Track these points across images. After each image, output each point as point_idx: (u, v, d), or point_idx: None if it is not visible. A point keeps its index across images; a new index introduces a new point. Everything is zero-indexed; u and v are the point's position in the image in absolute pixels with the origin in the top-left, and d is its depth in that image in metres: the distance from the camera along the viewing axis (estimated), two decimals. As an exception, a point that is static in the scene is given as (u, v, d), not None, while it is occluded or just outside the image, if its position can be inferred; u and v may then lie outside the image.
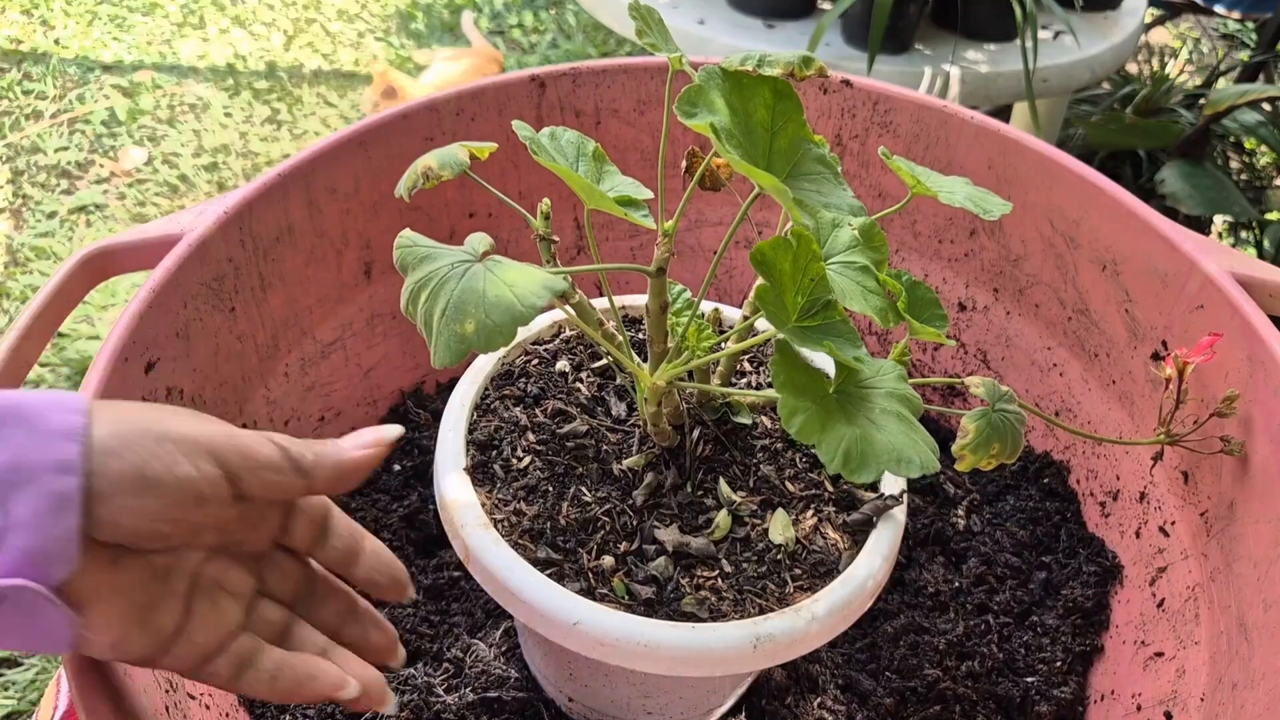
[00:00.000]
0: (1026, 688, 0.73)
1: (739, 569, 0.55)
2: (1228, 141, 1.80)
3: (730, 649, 0.50)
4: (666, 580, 0.54)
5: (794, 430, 0.44)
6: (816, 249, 0.47)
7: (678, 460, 0.59)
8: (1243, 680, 0.62)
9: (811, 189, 0.48)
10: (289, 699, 0.47)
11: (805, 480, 0.59)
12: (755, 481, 0.58)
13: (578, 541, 0.55)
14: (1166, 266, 0.73)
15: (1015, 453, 0.54)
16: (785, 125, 0.47)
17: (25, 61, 2.25)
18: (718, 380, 0.61)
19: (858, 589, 0.54)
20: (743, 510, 0.57)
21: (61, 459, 0.39)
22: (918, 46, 1.45)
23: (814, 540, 0.56)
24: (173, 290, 0.69)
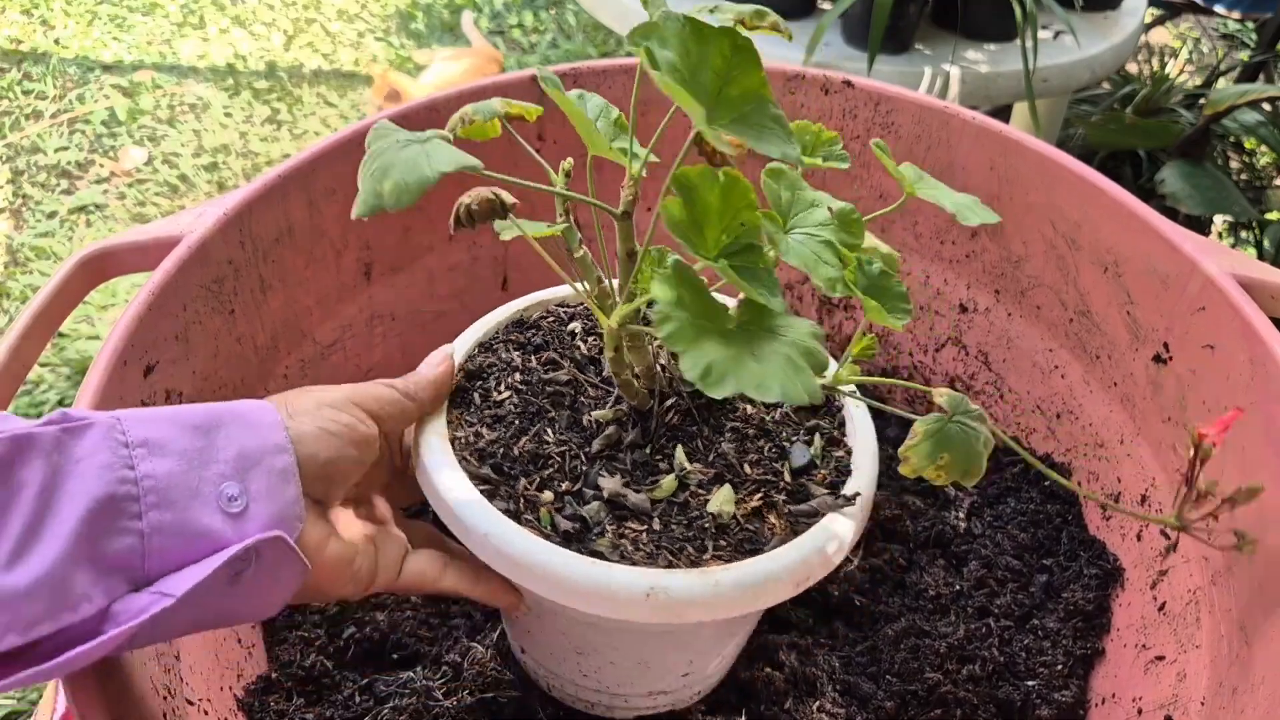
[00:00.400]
0: (1027, 691, 0.73)
1: (666, 528, 0.55)
2: (1228, 141, 1.80)
3: (622, 590, 0.51)
4: (594, 523, 0.55)
5: (662, 335, 0.44)
6: (753, 197, 0.48)
7: (646, 422, 0.60)
8: (1243, 684, 0.62)
9: (752, 134, 0.48)
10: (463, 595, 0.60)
11: (764, 467, 0.59)
12: (714, 457, 0.59)
13: (522, 471, 0.58)
14: (1168, 268, 0.73)
15: (970, 473, 0.52)
16: (739, 77, 0.48)
17: (25, 61, 2.25)
18: None
19: (774, 572, 0.53)
20: (691, 479, 0.57)
21: (277, 442, 0.51)
22: (918, 46, 1.44)
23: (752, 521, 0.56)
24: (172, 292, 0.68)
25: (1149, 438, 0.77)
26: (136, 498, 0.45)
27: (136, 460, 0.46)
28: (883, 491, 0.85)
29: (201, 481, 0.47)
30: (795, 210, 0.53)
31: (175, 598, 0.44)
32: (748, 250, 0.49)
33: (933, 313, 0.94)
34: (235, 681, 0.69)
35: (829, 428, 0.62)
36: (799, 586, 0.54)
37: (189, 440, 0.48)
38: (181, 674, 0.62)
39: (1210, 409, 0.70)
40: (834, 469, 0.60)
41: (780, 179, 0.53)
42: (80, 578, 0.43)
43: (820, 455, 0.60)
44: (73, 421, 0.45)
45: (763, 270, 0.48)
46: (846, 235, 0.53)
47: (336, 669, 0.71)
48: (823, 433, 0.62)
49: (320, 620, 0.74)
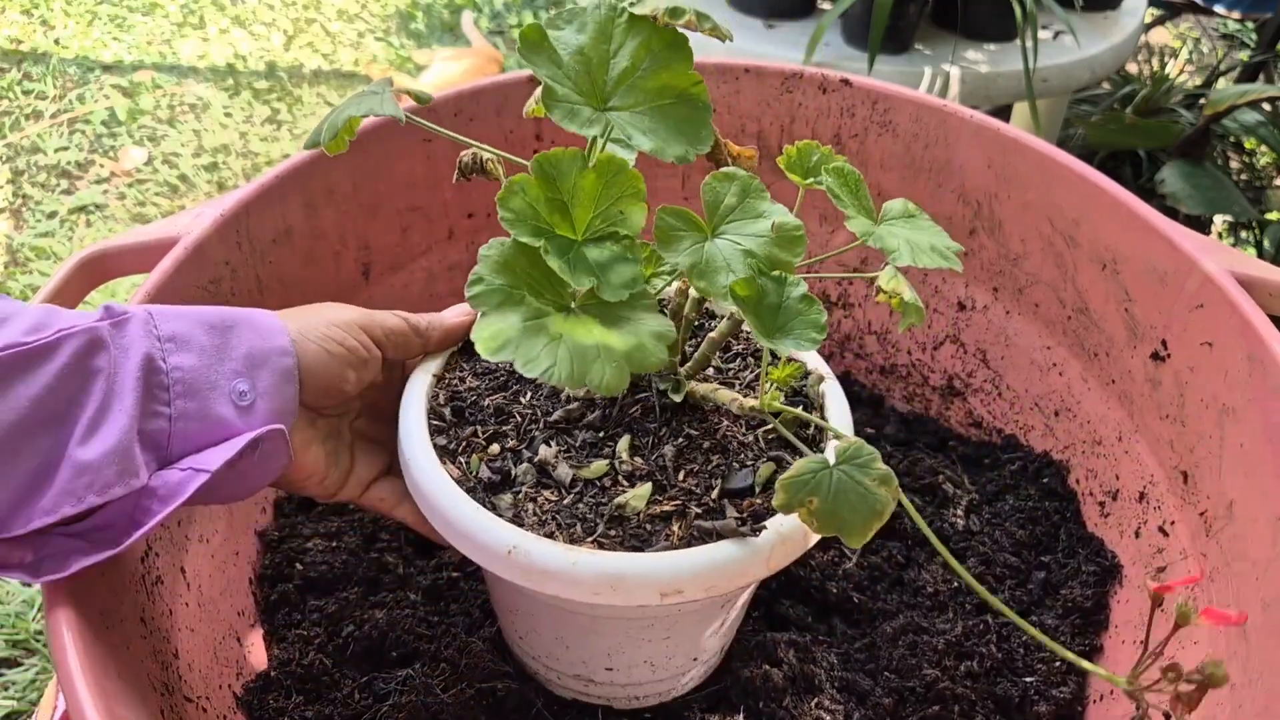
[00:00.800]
0: (1025, 687, 0.73)
1: (573, 505, 0.56)
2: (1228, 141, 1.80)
3: (489, 540, 0.54)
4: (511, 480, 0.58)
5: (468, 295, 0.47)
6: (640, 188, 0.49)
7: (610, 409, 0.61)
8: (1241, 680, 0.62)
9: (648, 126, 0.49)
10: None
11: (698, 479, 0.58)
12: (655, 456, 0.59)
13: (479, 420, 0.61)
14: (1166, 266, 0.73)
15: (849, 531, 0.49)
16: (661, 71, 0.50)
17: (25, 61, 2.25)
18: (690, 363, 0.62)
19: (636, 572, 0.53)
20: (622, 469, 0.58)
21: (282, 346, 0.56)
22: (918, 46, 1.45)
23: (654, 523, 0.56)
24: (169, 294, 0.68)
25: (1147, 435, 0.77)
26: (167, 386, 0.51)
27: (167, 353, 0.52)
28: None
29: (218, 375, 0.53)
30: (738, 218, 0.53)
31: (209, 472, 0.50)
32: (612, 238, 0.49)
33: (931, 310, 0.94)
34: (234, 679, 0.69)
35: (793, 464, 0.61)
36: (665, 597, 0.53)
37: (208, 337, 0.54)
38: (179, 671, 0.63)
39: (1208, 406, 0.70)
40: (766, 496, 0.58)
41: (730, 182, 0.53)
42: (137, 450, 0.49)
43: (762, 485, 0.58)
44: (116, 316, 0.51)
45: (624, 257, 0.49)
46: (779, 251, 0.52)
47: (335, 666, 0.71)
48: (784, 465, 0.60)
49: (319, 618, 0.74)
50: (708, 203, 0.53)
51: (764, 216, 0.53)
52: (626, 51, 0.49)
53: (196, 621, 0.67)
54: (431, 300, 0.91)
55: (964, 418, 0.95)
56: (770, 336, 0.51)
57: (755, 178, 0.55)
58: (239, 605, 0.74)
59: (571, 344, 0.46)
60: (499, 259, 0.48)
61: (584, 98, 0.49)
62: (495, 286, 0.47)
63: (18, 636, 1.24)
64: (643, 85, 0.49)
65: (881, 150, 0.89)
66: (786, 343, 0.51)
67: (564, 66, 0.49)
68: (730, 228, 0.53)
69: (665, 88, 0.50)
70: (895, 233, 0.57)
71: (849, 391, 0.99)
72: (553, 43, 0.49)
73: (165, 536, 0.66)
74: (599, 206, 0.49)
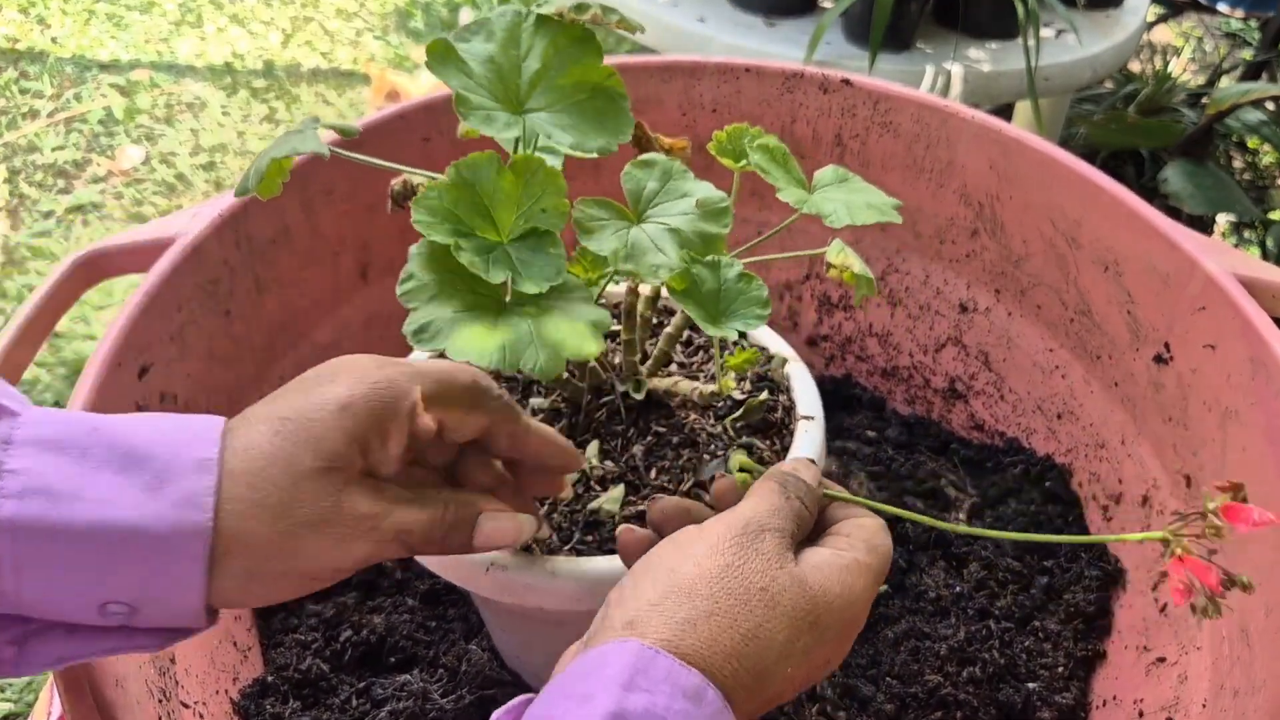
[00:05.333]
0: (1028, 693, 0.72)
1: (545, 515, 0.57)
2: (1230, 141, 1.79)
3: (467, 561, 0.54)
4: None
5: (399, 293, 0.46)
6: (560, 184, 0.48)
7: (576, 416, 0.61)
8: (1244, 686, 0.61)
9: (567, 123, 0.49)
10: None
11: (670, 475, 0.59)
12: (625, 457, 0.59)
13: None
14: (1168, 267, 0.73)
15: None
16: (572, 67, 0.50)
17: (22, 60, 2.24)
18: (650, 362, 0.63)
19: (612, 574, 0.53)
20: (594, 474, 0.58)
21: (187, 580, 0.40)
22: (919, 45, 1.44)
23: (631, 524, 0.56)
24: (167, 294, 0.68)
25: (1150, 438, 0.77)
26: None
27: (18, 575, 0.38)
28: (883, 493, 0.84)
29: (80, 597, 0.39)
30: (661, 200, 0.53)
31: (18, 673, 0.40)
32: (536, 235, 0.49)
33: (933, 312, 0.93)
34: (231, 685, 0.69)
35: (764, 448, 0.61)
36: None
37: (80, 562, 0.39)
38: (176, 677, 0.62)
39: (1211, 408, 0.70)
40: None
41: (649, 169, 0.54)
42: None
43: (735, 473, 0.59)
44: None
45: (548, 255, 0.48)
46: (707, 225, 0.52)
47: (333, 672, 0.71)
48: (754, 452, 0.60)
49: (317, 623, 0.74)
50: (629, 191, 0.53)
51: (689, 196, 0.53)
52: (536, 53, 0.49)
53: (193, 627, 0.67)
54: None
55: (966, 420, 0.94)
56: (715, 323, 0.51)
57: (676, 161, 0.55)
58: (235, 610, 0.74)
59: (504, 332, 0.46)
60: (430, 255, 0.48)
61: (500, 104, 0.49)
62: (425, 282, 0.47)
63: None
64: (557, 84, 0.49)
65: (883, 150, 0.89)
66: (732, 325, 0.51)
67: (475, 76, 0.49)
68: (655, 211, 0.53)
69: (580, 84, 0.50)
70: (830, 197, 0.57)
71: (850, 395, 0.99)
72: (461, 55, 0.49)
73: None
74: (521, 206, 0.49)
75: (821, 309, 0.99)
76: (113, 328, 0.64)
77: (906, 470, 0.88)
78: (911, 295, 0.94)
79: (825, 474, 0.85)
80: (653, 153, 0.57)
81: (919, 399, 0.97)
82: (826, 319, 0.99)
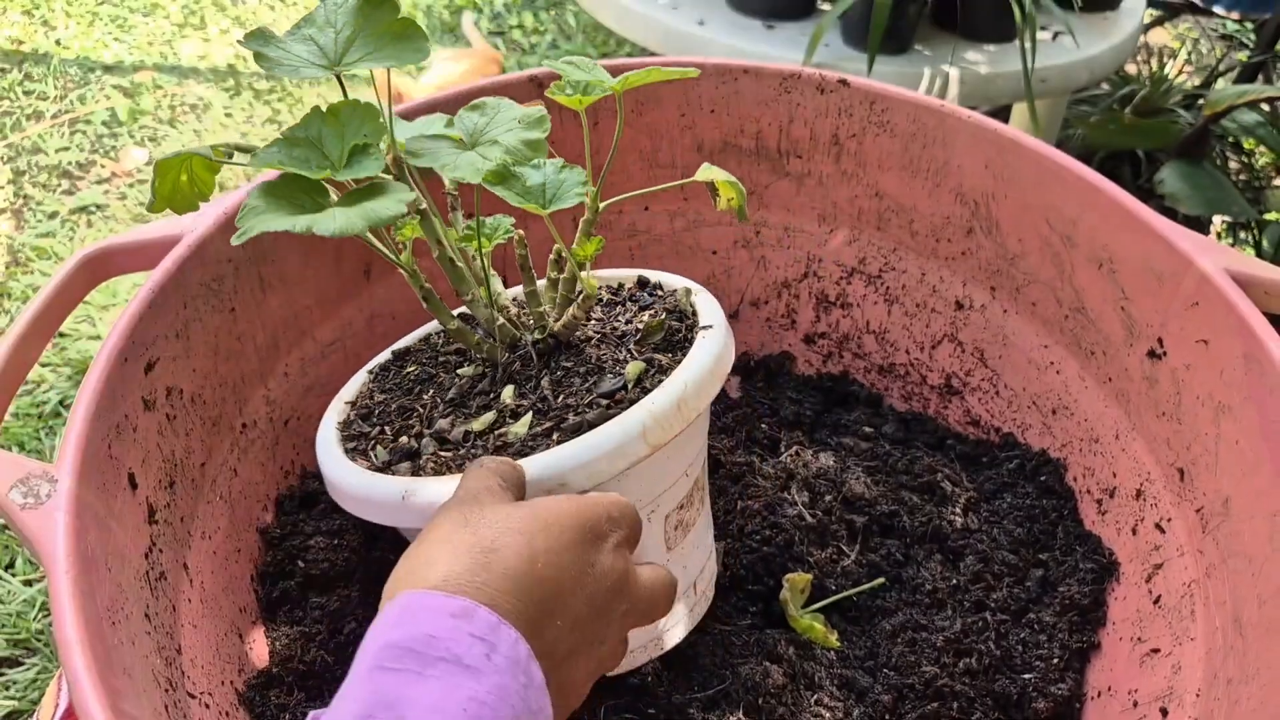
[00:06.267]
0: (1024, 684, 0.73)
1: (466, 454, 0.60)
2: (1227, 142, 1.80)
3: (383, 494, 0.58)
4: (410, 454, 0.62)
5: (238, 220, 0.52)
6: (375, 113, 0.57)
7: (495, 372, 0.66)
8: (1238, 675, 0.62)
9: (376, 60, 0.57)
10: None
11: (574, 398, 0.62)
12: (536, 393, 0.63)
13: (386, 421, 0.66)
14: (1163, 264, 0.73)
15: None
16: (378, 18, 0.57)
17: (26, 62, 2.25)
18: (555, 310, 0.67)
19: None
20: (506, 411, 0.62)
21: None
22: (917, 47, 1.45)
23: (536, 440, 0.59)
24: (172, 291, 0.69)
25: (1144, 433, 0.78)
26: None
27: None
28: (880, 488, 0.85)
29: None
30: (490, 129, 0.61)
31: None
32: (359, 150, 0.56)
33: (929, 310, 0.94)
34: (236, 676, 0.70)
35: (666, 360, 0.64)
36: (550, 492, 0.55)
37: None
38: (183, 667, 0.63)
39: (1205, 404, 0.71)
40: (642, 391, 0.60)
41: (480, 109, 0.63)
42: None
43: (635, 382, 0.62)
44: None
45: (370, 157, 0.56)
46: (528, 133, 0.60)
47: (338, 664, 0.72)
48: (654, 364, 0.63)
49: (321, 616, 0.75)
50: (463, 130, 0.61)
51: (513, 118, 0.61)
52: (347, 26, 0.57)
53: (199, 618, 0.68)
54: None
55: (962, 416, 0.95)
56: (544, 206, 0.59)
57: (504, 99, 0.63)
58: (241, 602, 0.75)
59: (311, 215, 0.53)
60: (264, 189, 0.54)
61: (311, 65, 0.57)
62: (256, 205, 0.53)
63: (18, 636, 1.24)
64: (366, 41, 0.57)
65: (879, 150, 0.90)
66: (558, 205, 0.59)
67: (293, 51, 0.57)
68: (484, 138, 0.61)
69: (384, 34, 0.57)
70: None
71: (847, 391, 1.00)
72: (283, 42, 0.57)
73: (169, 533, 0.67)
74: (347, 141, 0.56)
75: (819, 307, 1.00)
76: (119, 324, 0.65)
77: (903, 465, 0.89)
78: (908, 293, 0.95)
79: (823, 467, 0.86)
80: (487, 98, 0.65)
81: (915, 395, 0.98)
82: (824, 316, 1.00)
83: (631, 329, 0.68)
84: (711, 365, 0.62)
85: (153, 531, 0.65)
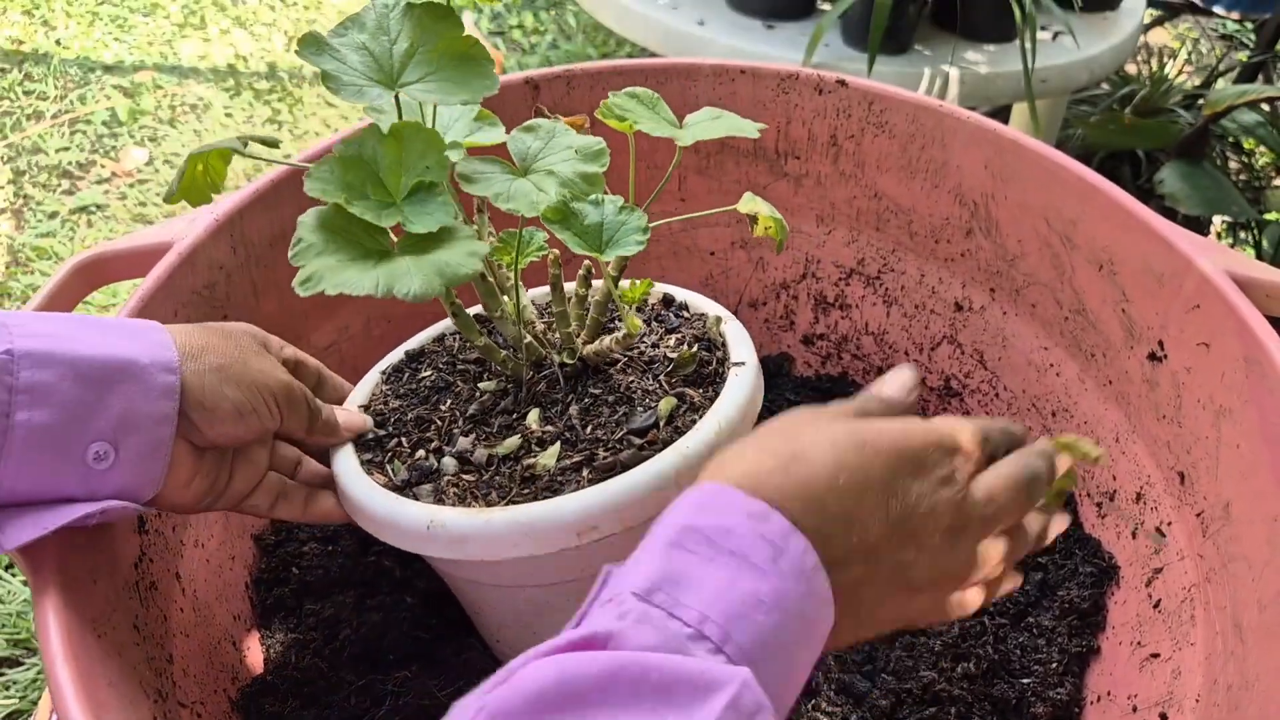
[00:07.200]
0: (1022, 689, 0.73)
1: (491, 479, 0.59)
2: (1226, 142, 1.79)
3: (407, 522, 0.57)
4: (431, 473, 0.61)
5: (290, 255, 0.50)
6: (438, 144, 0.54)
7: (520, 391, 0.64)
8: (1238, 681, 0.62)
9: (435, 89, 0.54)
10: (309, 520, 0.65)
11: (604, 430, 0.60)
12: (563, 420, 0.61)
13: (403, 432, 0.65)
14: (1163, 266, 0.73)
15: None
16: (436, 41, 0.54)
17: (26, 62, 2.25)
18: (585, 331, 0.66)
19: (547, 516, 0.54)
20: (533, 438, 0.60)
21: (163, 412, 0.52)
22: (917, 47, 1.44)
23: (565, 476, 0.58)
24: (163, 298, 0.68)
25: (1144, 435, 0.77)
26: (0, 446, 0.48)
27: (15, 408, 0.48)
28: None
29: (75, 436, 0.50)
30: (544, 155, 0.59)
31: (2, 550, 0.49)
32: (423, 188, 0.54)
33: (928, 311, 0.94)
34: (230, 684, 0.69)
35: (698, 396, 0.62)
36: (582, 536, 0.54)
37: (78, 389, 0.50)
38: (174, 677, 0.63)
39: (1205, 407, 0.70)
40: (673, 430, 0.59)
41: (534, 131, 0.60)
42: None
43: (666, 419, 0.60)
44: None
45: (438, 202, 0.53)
46: (585, 166, 0.58)
47: (332, 670, 0.71)
48: (686, 399, 0.62)
49: (315, 623, 0.74)
50: (515, 152, 0.58)
51: (570, 147, 0.58)
52: (404, 35, 0.54)
53: (191, 627, 0.67)
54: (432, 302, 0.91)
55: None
56: (600, 251, 0.57)
57: (559, 123, 0.60)
58: (234, 609, 0.74)
59: (383, 269, 0.50)
60: (316, 221, 0.52)
61: (375, 83, 0.53)
62: (313, 242, 0.51)
63: (19, 636, 1.24)
64: (426, 59, 0.54)
65: (878, 151, 0.89)
66: (615, 251, 0.57)
67: (349, 62, 0.53)
68: (539, 164, 0.58)
69: (445, 54, 0.54)
70: (698, 123, 0.63)
71: (846, 393, 0.99)
72: (335, 46, 0.53)
73: (160, 543, 0.66)
74: (406, 168, 0.53)
75: (817, 308, 1.00)
76: (112, 328, 0.64)
77: (902, 469, 0.88)
78: (907, 294, 0.94)
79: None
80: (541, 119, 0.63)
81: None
82: (822, 318, 1.00)
83: (660, 355, 0.66)
84: (745, 407, 0.61)
85: (142, 541, 0.64)
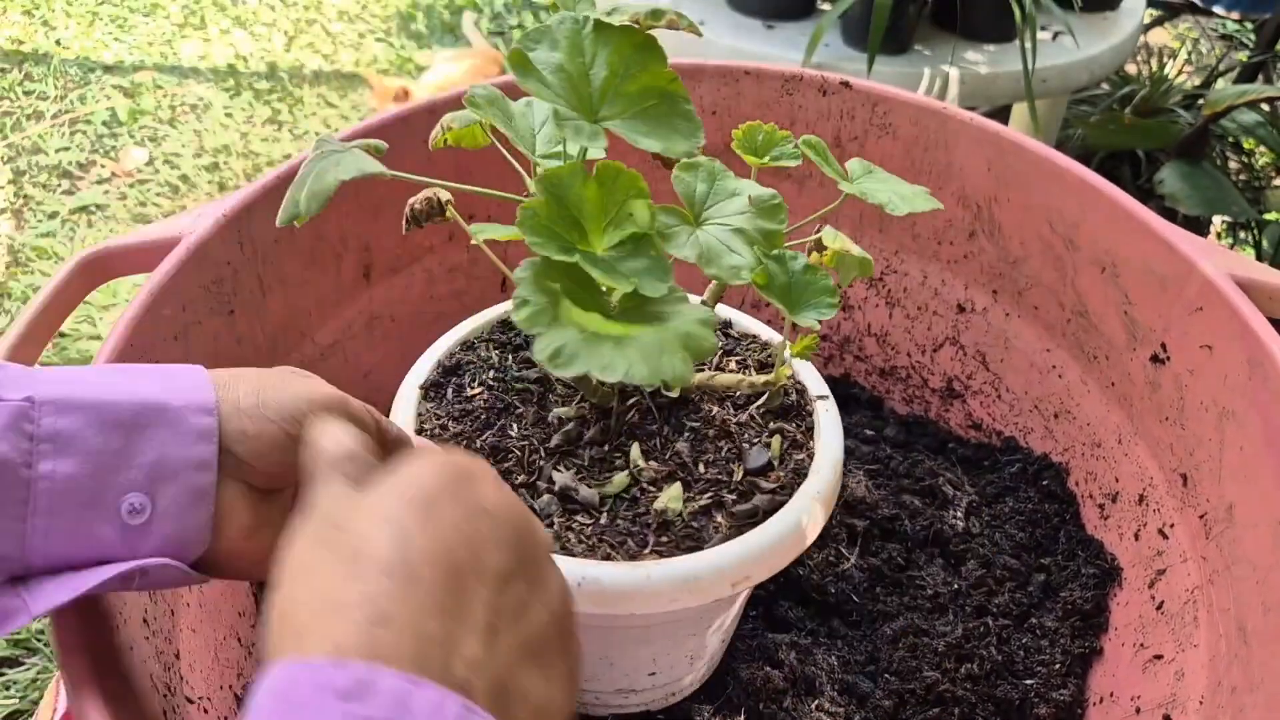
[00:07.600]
0: (1025, 690, 0.73)
1: (612, 523, 0.56)
2: (1226, 142, 1.80)
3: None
4: (544, 515, 0.56)
5: (519, 319, 0.45)
6: (641, 187, 0.49)
7: (606, 420, 0.61)
8: (1242, 683, 0.62)
9: (644, 129, 0.50)
10: None
11: (719, 467, 0.59)
12: (670, 455, 0.59)
13: None
14: (1165, 269, 0.73)
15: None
16: (639, 73, 0.50)
17: (26, 62, 2.25)
18: None
19: (706, 568, 0.53)
20: (644, 476, 0.58)
21: (199, 458, 0.46)
22: (917, 47, 1.45)
23: (698, 519, 0.56)
24: (171, 294, 0.68)
25: (1146, 438, 0.77)
26: (25, 500, 0.43)
27: (38, 458, 0.43)
28: (881, 491, 0.85)
29: (105, 488, 0.44)
30: (713, 202, 0.54)
31: (32, 615, 0.43)
32: (636, 241, 0.50)
33: (930, 313, 0.94)
34: (235, 680, 0.69)
35: (793, 431, 0.62)
36: (735, 586, 0.54)
37: (105, 439, 0.44)
38: (181, 672, 0.63)
39: (1208, 409, 0.70)
40: (791, 471, 0.59)
41: (695, 171, 0.55)
42: None
43: (779, 458, 0.60)
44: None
45: (651, 258, 0.50)
46: (764, 222, 0.54)
47: (336, 668, 0.71)
48: (786, 435, 0.62)
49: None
50: (683, 194, 0.54)
51: (737, 194, 0.55)
52: (601, 61, 0.50)
53: (198, 622, 0.68)
54: (432, 302, 0.91)
55: (963, 420, 0.95)
56: (794, 312, 0.55)
57: (715, 161, 0.56)
58: (240, 606, 0.74)
59: (636, 344, 0.46)
60: (535, 277, 0.47)
61: (578, 113, 0.49)
62: (542, 305, 0.46)
63: (19, 635, 1.24)
64: (625, 91, 0.50)
65: (881, 152, 0.90)
66: (809, 314, 0.55)
67: (551, 85, 0.49)
68: (711, 213, 0.54)
69: (647, 89, 0.50)
70: (873, 187, 0.60)
71: (849, 394, 0.99)
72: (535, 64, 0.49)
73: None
74: (608, 213, 0.49)
75: (821, 309, 1.00)
76: (117, 327, 0.64)
77: (904, 469, 0.88)
78: (909, 296, 0.95)
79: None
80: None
81: (917, 398, 0.98)
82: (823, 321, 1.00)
83: (736, 383, 0.63)
84: (841, 444, 0.61)
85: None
